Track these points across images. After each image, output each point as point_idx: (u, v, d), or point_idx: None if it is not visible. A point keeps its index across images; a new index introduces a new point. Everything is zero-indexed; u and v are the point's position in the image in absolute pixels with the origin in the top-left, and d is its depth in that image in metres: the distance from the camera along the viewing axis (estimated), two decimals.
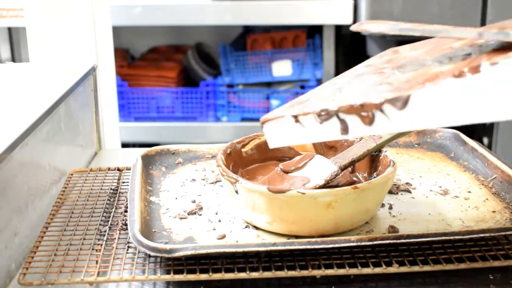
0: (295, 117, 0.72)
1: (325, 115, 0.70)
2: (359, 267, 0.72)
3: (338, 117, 0.70)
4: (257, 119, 2.43)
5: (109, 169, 1.02)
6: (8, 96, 1.03)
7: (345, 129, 0.70)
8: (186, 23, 2.31)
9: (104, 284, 0.74)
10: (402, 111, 0.66)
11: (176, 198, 0.89)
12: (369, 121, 0.68)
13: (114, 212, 0.88)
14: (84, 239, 0.80)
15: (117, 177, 0.99)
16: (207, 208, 0.86)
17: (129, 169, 0.99)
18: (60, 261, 0.75)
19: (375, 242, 0.73)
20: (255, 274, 0.71)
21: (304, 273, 0.72)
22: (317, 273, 0.72)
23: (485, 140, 1.83)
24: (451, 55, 0.73)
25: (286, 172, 0.86)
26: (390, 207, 0.85)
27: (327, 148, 0.92)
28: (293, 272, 0.72)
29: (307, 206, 0.75)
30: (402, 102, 0.65)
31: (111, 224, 0.84)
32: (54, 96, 1.00)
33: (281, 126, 0.73)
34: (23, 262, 0.79)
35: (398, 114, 0.66)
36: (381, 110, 0.67)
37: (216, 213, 0.84)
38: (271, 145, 0.75)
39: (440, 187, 0.91)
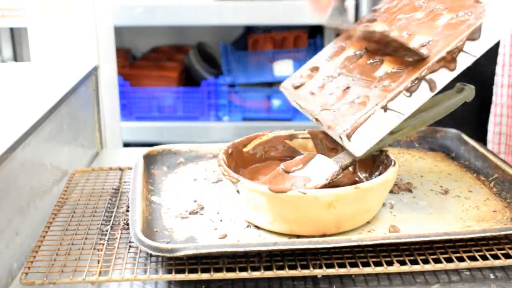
0: (384, 106, 0.77)
1: (415, 85, 0.77)
2: (360, 267, 0.72)
3: (425, 79, 0.77)
4: (258, 119, 2.43)
5: (110, 168, 1.02)
6: (10, 96, 1.03)
7: (433, 86, 0.78)
8: (188, 23, 2.31)
9: (105, 284, 0.74)
10: (477, 41, 0.77)
11: (177, 198, 0.89)
12: (454, 65, 0.77)
13: (116, 211, 0.88)
14: (85, 238, 0.81)
15: (118, 177, 0.99)
16: (209, 208, 0.86)
17: (131, 169, 1.00)
18: (62, 260, 0.75)
19: (376, 242, 0.73)
20: (256, 274, 0.71)
21: (305, 272, 0.72)
22: (318, 272, 0.72)
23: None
24: None
25: (288, 172, 0.86)
26: (391, 207, 0.85)
27: (328, 150, 0.92)
28: (295, 272, 0.72)
29: (308, 205, 0.75)
30: (478, 32, 0.76)
31: (112, 224, 0.84)
32: (56, 96, 1.00)
33: (370, 125, 0.78)
34: (25, 261, 0.79)
35: (474, 45, 0.77)
36: (463, 50, 0.77)
37: (218, 213, 0.84)
38: (361, 152, 0.80)
39: (441, 186, 0.91)
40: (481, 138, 1.07)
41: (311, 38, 2.53)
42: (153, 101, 2.48)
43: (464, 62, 0.78)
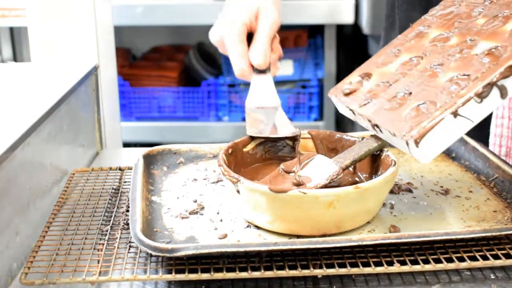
0: (454, 113, 0.74)
1: (487, 91, 0.74)
2: (361, 267, 0.72)
3: (497, 85, 0.74)
4: None
5: (110, 168, 1.02)
6: (9, 96, 1.03)
7: (505, 93, 0.75)
8: (188, 23, 2.31)
9: (105, 284, 0.74)
10: None
11: (177, 198, 0.89)
12: None
13: (116, 211, 0.88)
14: (85, 238, 0.80)
15: (118, 177, 0.99)
16: (209, 208, 0.86)
17: (131, 169, 1.00)
18: (62, 260, 0.75)
19: (376, 242, 0.73)
20: (256, 274, 0.71)
21: (306, 272, 0.72)
22: (318, 272, 0.72)
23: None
24: None
25: (288, 172, 0.86)
26: (392, 207, 0.85)
27: (328, 150, 0.92)
28: (295, 272, 0.72)
29: (308, 205, 0.75)
30: None
31: (112, 224, 0.84)
32: (56, 96, 1.00)
33: (439, 132, 0.75)
34: (25, 261, 0.79)
35: None
36: None
37: (218, 213, 0.84)
38: (429, 159, 0.76)
39: (442, 187, 0.91)
40: (485, 141, 1.07)
41: (311, 38, 2.53)
42: (153, 101, 2.48)
43: None
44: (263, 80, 0.94)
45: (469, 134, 1.13)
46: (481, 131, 1.07)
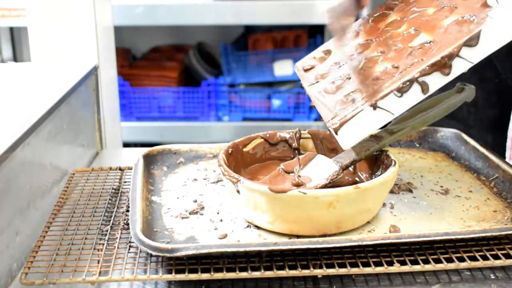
0: (373, 105, 0.76)
1: (407, 86, 0.76)
2: (361, 267, 0.72)
3: (418, 81, 0.76)
4: (258, 119, 2.43)
5: (110, 168, 1.02)
6: (10, 96, 1.03)
7: (426, 89, 0.77)
8: (188, 23, 2.31)
9: (105, 284, 0.74)
10: (475, 47, 0.76)
11: (177, 198, 0.89)
12: (448, 70, 0.77)
13: (116, 211, 0.88)
14: (85, 238, 0.80)
15: (118, 177, 0.99)
16: (209, 208, 0.86)
17: (131, 169, 1.00)
18: (62, 260, 0.75)
19: (376, 242, 0.73)
20: (256, 274, 0.71)
21: (306, 272, 0.72)
22: (318, 272, 0.72)
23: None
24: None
25: (288, 172, 0.86)
26: (392, 207, 0.85)
27: (328, 150, 0.92)
28: (295, 272, 0.72)
29: (308, 205, 0.75)
30: (476, 39, 0.75)
31: (112, 224, 0.84)
32: (56, 95, 1.00)
33: (358, 122, 0.77)
34: (25, 261, 0.79)
35: (471, 51, 0.76)
36: (459, 56, 0.76)
37: (218, 213, 0.84)
38: (348, 145, 0.79)
39: (442, 186, 0.91)
40: (501, 145, 1.07)
41: (311, 37, 2.53)
42: (153, 101, 2.48)
43: (459, 67, 0.77)
44: None
45: (486, 137, 1.14)
46: (498, 135, 1.07)
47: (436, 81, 0.77)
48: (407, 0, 0.90)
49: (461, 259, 0.73)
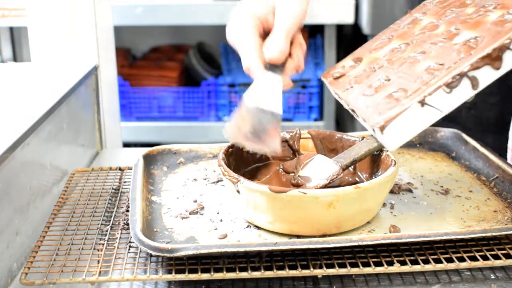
0: (421, 101, 0.74)
1: (456, 81, 0.73)
2: (361, 267, 0.72)
3: (467, 76, 0.74)
4: None
5: (110, 168, 1.02)
6: (9, 96, 1.03)
7: (476, 84, 0.74)
8: (188, 23, 2.31)
9: (105, 284, 0.74)
10: None
11: (177, 198, 0.89)
12: (499, 64, 0.74)
13: (116, 211, 0.88)
14: (85, 238, 0.80)
15: (118, 177, 0.99)
16: (209, 208, 0.86)
17: (131, 169, 1.00)
18: (62, 260, 0.75)
19: (376, 242, 0.73)
20: (256, 274, 0.71)
21: (306, 272, 0.72)
22: (318, 272, 0.72)
23: None
24: None
25: (288, 172, 0.86)
26: (392, 207, 0.85)
27: (328, 151, 0.92)
28: (295, 272, 0.72)
29: (308, 206, 0.75)
30: None
31: (112, 224, 0.84)
32: (56, 95, 1.00)
33: (405, 120, 0.74)
34: (25, 261, 0.79)
35: None
36: (510, 48, 0.73)
37: (218, 213, 0.84)
38: (394, 146, 0.76)
39: (442, 186, 0.91)
40: (503, 146, 1.07)
41: (312, 37, 2.53)
42: (153, 101, 2.48)
43: (509, 61, 0.74)
44: (273, 79, 0.81)
45: (487, 139, 1.14)
46: (497, 137, 1.07)
47: (486, 75, 0.74)
48: (440, 3, 0.88)
49: (461, 259, 0.73)
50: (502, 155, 1.06)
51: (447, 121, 1.11)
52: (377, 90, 0.80)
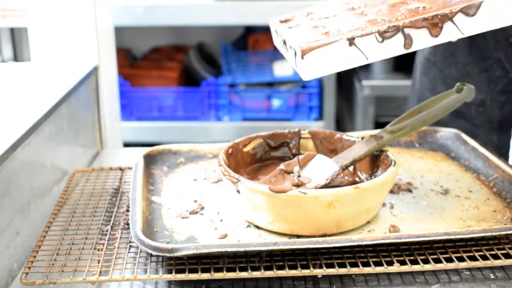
0: (351, 39, 0.73)
1: (391, 32, 0.73)
2: (361, 267, 0.72)
3: (403, 32, 0.73)
4: (258, 119, 2.44)
5: (111, 168, 1.02)
6: (10, 96, 1.03)
7: (409, 43, 0.74)
8: (188, 23, 2.31)
9: (106, 284, 0.75)
10: (471, 17, 0.73)
11: (177, 198, 0.89)
12: (437, 31, 0.73)
13: (116, 211, 0.88)
14: (86, 238, 0.81)
15: (119, 177, 1.00)
16: (209, 208, 0.86)
17: (131, 169, 1.00)
18: (62, 260, 0.75)
19: (376, 242, 0.73)
20: (256, 273, 0.72)
21: (306, 272, 0.72)
22: (318, 272, 0.72)
23: None
24: None
25: (288, 172, 0.86)
26: (392, 207, 0.85)
27: (328, 150, 0.92)
28: (295, 271, 0.72)
29: (308, 205, 0.75)
30: (475, 9, 0.72)
31: (113, 224, 0.84)
32: (56, 96, 1.01)
33: (329, 53, 0.73)
34: (25, 261, 0.79)
35: (467, 21, 0.73)
36: (452, 20, 0.73)
37: (218, 213, 0.84)
38: (309, 76, 0.74)
39: (441, 186, 0.91)
40: (505, 145, 1.07)
41: None
42: (153, 101, 2.48)
43: (449, 34, 0.74)
44: None
45: (493, 137, 1.14)
46: (505, 135, 1.07)
47: (422, 39, 0.74)
48: None
49: (461, 259, 0.74)
50: (508, 153, 1.06)
51: (456, 117, 1.11)
52: (316, 30, 0.79)
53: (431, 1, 0.79)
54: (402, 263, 0.73)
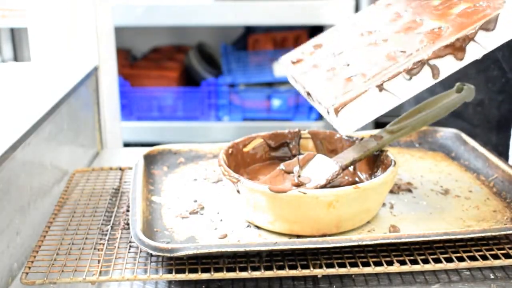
0: (380, 86, 0.72)
1: (417, 68, 0.72)
2: (360, 266, 0.72)
3: (429, 65, 0.72)
4: (258, 119, 2.44)
5: (111, 168, 1.02)
6: (10, 96, 1.03)
7: (437, 73, 0.73)
8: (188, 23, 2.31)
9: (106, 284, 0.75)
10: (491, 32, 0.72)
11: (178, 198, 0.89)
12: (462, 55, 0.73)
13: (116, 211, 0.88)
14: (86, 238, 0.81)
15: (119, 177, 1.00)
16: (209, 208, 0.86)
17: (131, 169, 1.00)
18: (62, 260, 0.75)
19: (376, 242, 0.73)
20: (256, 273, 0.72)
21: (306, 272, 0.72)
22: (318, 272, 0.72)
23: None
24: None
25: (288, 172, 0.86)
26: (391, 207, 0.85)
27: (328, 150, 0.92)
28: (295, 271, 0.72)
29: (308, 205, 0.75)
30: (494, 23, 0.72)
31: (113, 224, 0.84)
32: (56, 96, 1.01)
33: (361, 104, 0.72)
34: (25, 261, 0.79)
35: (488, 36, 0.72)
36: (474, 40, 0.72)
37: (218, 213, 0.84)
38: (347, 131, 0.74)
39: (441, 186, 0.91)
40: (504, 144, 1.07)
41: (311, 38, 2.53)
42: (153, 101, 2.48)
43: (473, 53, 0.74)
44: None
45: (493, 136, 1.14)
46: (503, 135, 1.07)
47: (448, 65, 0.74)
48: None
49: (461, 259, 0.74)
50: (506, 153, 1.06)
51: (454, 117, 1.11)
52: (336, 74, 0.78)
53: (441, 14, 0.78)
54: (402, 263, 0.73)
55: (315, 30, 2.53)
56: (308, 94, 0.81)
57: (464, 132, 1.05)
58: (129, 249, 0.78)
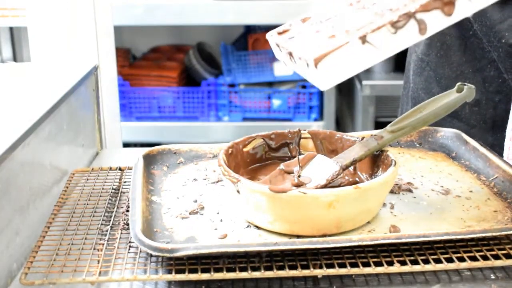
0: (362, 37, 0.68)
1: (402, 21, 0.68)
2: (361, 267, 0.72)
3: (415, 18, 0.69)
4: (258, 119, 2.44)
5: (110, 168, 1.02)
6: (9, 96, 1.03)
7: (424, 28, 0.69)
8: (188, 23, 2.31)
9: (105, 284, 0.74)
10: None
11: (177, 198, 0.89)
12: (451, 9, 0.69)
13: (116, 211, 0.88)
14: (85, 238, 0.80)
15: (118, 177, 0.99)
16: (209, 208, 0.86)
17: (131, 169, 1.00)
18: (62, 260, 0.75)
19: (376, 242, 0.73)
20: (256, 274, 0.71)
21: (306, 272, 0.72)
22: (318, 272, 0.72)
23: None
24: None
25: (288, 172, 0.86)
26: (392, 207, 0.85)
27: (328, 150, 0.92)
28: (295, 272, 0.72)
29: (308, 206, 0.75)
30: None
31: (112, 224, 0.84)
32: (56, 95, 1.00)
33: (343, 56, 0.68)
34: (25, 261, 0.79)
35: None
36: None
37: (218, 213, 0.84)
38: (327, 85, 0.70)
39: (442, 186, 0.91)
40: (500, 144, 1.07)
41: None
42: (153, 101, 2.48)
43: (463, 9, 0.70)
44: None
45: (488, 137, 1.14)
46: (499, 135, 1.07)
47: (436, 21, 0.70)
48: None
49: (461, 259, 0.73)
50: (502, 154, 1.06)
51: (451, 117, 1.11)
52: (321, 34, 0.75)
53: None
54: (403, 263, 0.73)
55: None
56: (290, 54, 0.76)
57: None
58: (129, 249, 0.78)
